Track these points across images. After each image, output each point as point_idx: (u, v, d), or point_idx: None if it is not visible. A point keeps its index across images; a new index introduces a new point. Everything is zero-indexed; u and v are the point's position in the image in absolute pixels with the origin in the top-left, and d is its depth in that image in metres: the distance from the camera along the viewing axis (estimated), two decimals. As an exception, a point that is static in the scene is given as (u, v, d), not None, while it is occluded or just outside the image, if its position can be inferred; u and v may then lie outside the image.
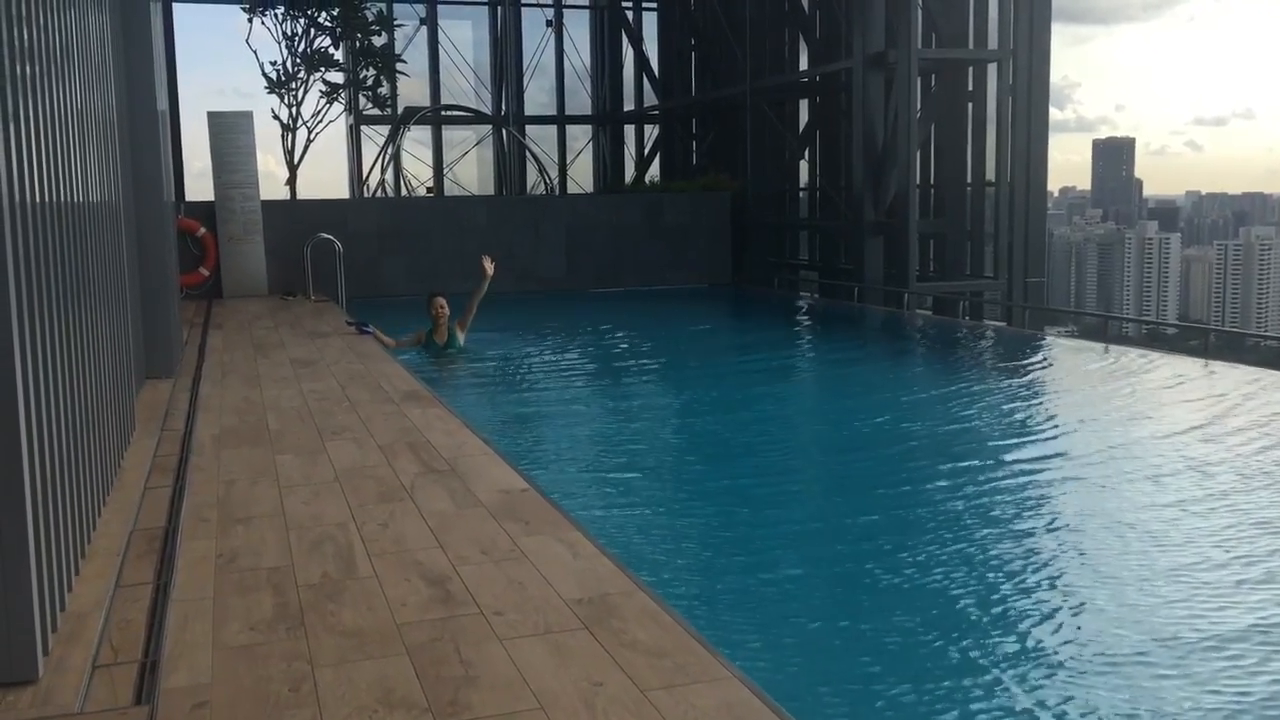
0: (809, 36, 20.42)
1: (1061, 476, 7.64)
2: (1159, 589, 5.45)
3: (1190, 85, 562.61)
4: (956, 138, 17.84)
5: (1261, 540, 6.13)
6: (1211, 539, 6.14)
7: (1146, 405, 10.05)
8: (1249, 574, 5.66)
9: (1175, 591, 5.40)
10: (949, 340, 14.77)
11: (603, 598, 3.95)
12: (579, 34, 26.28)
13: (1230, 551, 5.96)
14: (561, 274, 19.25)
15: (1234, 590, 5.44)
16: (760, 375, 12.13)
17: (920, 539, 6.25)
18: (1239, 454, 7.93)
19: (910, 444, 8.74)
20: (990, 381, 11.64)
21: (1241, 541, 6.11)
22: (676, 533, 6.39)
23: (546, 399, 10.52)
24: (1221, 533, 6.25)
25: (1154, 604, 5.26)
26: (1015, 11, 16.63)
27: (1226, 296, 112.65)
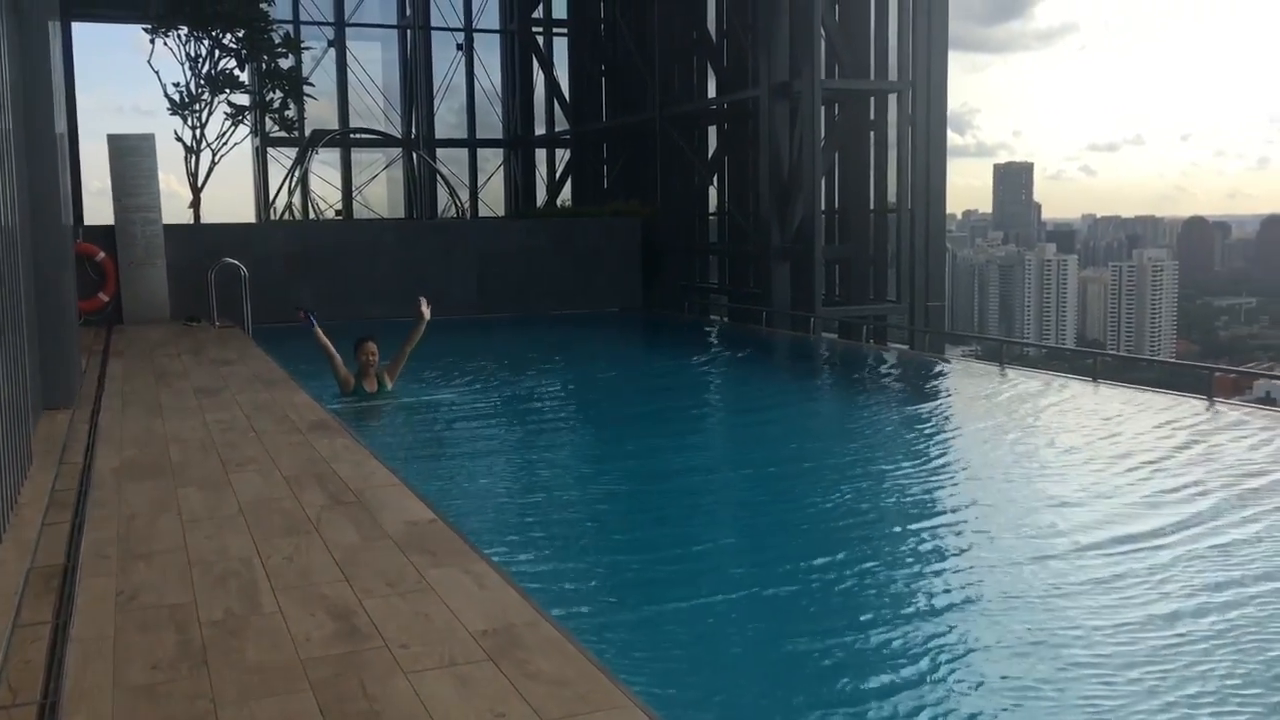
0: (717, 65, 20.78)
1: (952, 494, 7.95)
2: (1033, 587, 5.72)
3: (1083, 112, 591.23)
4: (860, 165, 18.30)
5: (1135, 552, 6.42)
6: (1092, 550, 6.43)
7: (1035, 425, 10.41)
8: (1119, 579, 5.94)
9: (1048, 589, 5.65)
10: (852, 364, 15.12)
11: (508, 629, 4.02)
12: (489, 58, 26.36)
13: (1106, 557, 6.26)
14: (473, 299, 19.22)
15: (1107, 593, 5.71)
16: (669, 402, 12.23)
17: (823, 561, 6.37)
18: (1116, 471, 8.30)
19: (811, 467, 8.89)
20: (890, 405, 11.95)
21: (1116, 554, 6.39)
22: (584, 562, 6.42)
23: (457, 429, 10.44)
24: (1101, 545, 6.54)
25: (1028, 600, 5.51)
26: (913, 44, 17.16)
27: (1122, 316, 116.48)
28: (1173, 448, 9.11)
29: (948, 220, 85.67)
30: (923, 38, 17.13)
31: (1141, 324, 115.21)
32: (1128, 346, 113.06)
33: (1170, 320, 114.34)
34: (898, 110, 17.53)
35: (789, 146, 17.52)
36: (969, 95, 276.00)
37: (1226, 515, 7.08)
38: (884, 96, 17.91)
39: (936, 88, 17.39)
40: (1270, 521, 6.97)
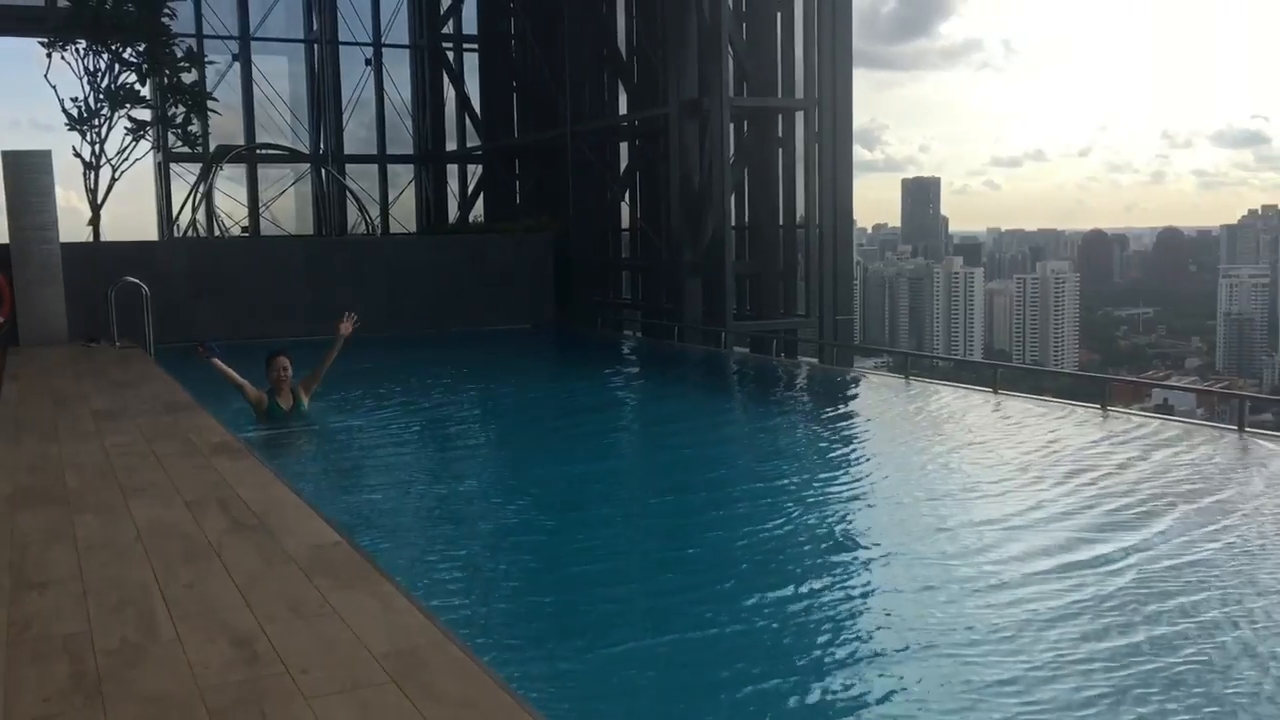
0: (627, 82, 20.91)
1: (854, 501, 8.13)
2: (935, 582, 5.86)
3: (986, 128, 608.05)
4: (769, 181, 18.57)
5: (1028, 551, 6.62)
6: (987, 551, 6.63)
7: (935, 435, 10.64)
8: (1006, 573, 6.12)
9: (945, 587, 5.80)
10: (764, 379, 15.29)
11: (412, 651, 4.00)
12: (399, 72, 26.18)
13: (994, 555, 6.45)
14: (383, 317, 18.98)
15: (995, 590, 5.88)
16: (582, 419, 12.20)
17: (732, 576, 6.44)
18: (1009, 480, 8.54)
19: (722, 483, 8.93)
20: (800, 421, 12.12)
21: (1008, 554, 6.58)
22: (492, 583, 6.36)
23: (367, 450, 10.27)
24: (995, 545, 6.74)
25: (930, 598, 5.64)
26: (819, 61, 17.48)
27: (1027, 326, 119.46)
28: (1066, 456, 9.40)
29: (859, 234, 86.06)
30: (828, 55, 17.46)
31: (1046, 334, 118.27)
32: (1033, 356, 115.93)
33: (1073, 330, 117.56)
34: (805, 127, 17.82)
35: (699, 163, 17.70)
36: (878, 111, 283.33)
37: (1120, 517, 7.35)
38: (791, 113, 18.20)
39: (842, 104, 17.72)
40: (1155, 524, 7.23)
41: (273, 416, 10.56)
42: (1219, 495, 7.91)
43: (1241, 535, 6.93)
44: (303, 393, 10.78)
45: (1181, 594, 5.88)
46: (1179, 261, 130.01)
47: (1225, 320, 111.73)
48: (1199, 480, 8.40)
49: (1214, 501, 7.73)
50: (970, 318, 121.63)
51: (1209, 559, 6.50)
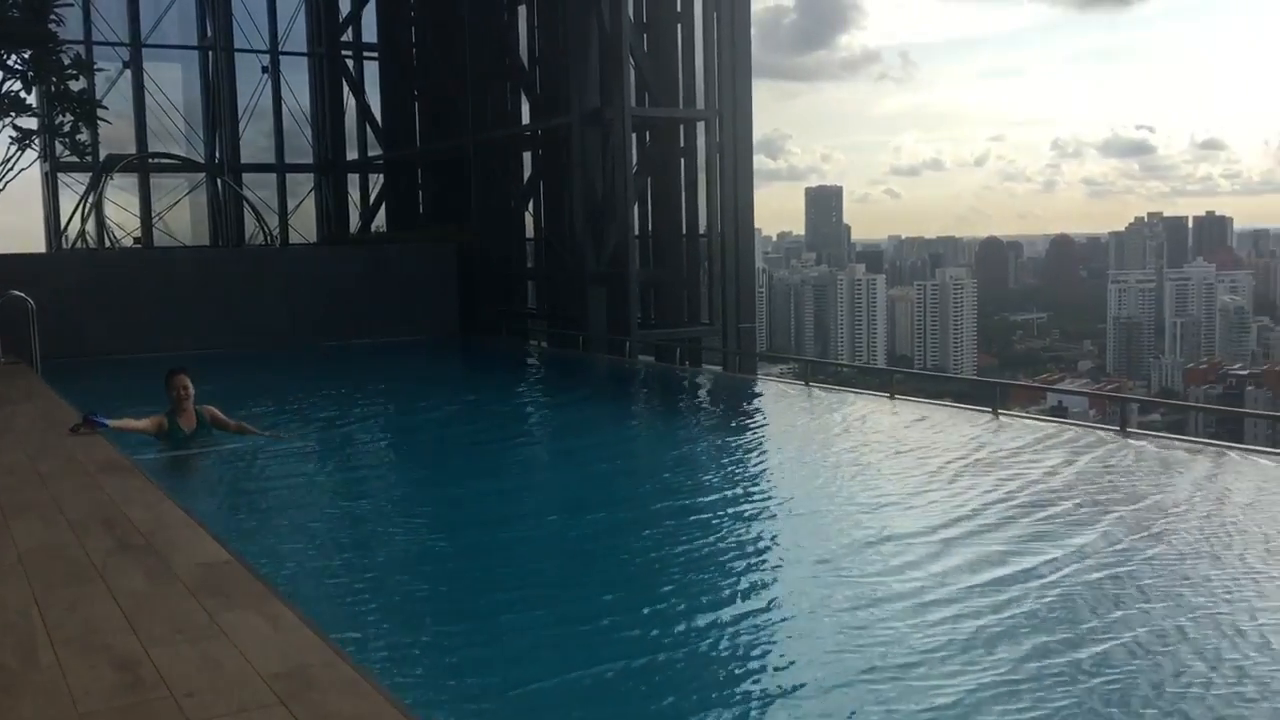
0: (529, 92, 20.89)
1: (772, 516, 8.09)
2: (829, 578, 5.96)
3: (886, 138, 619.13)
4: (671, 190, 18.71)
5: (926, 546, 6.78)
6: (879, 544, 6.77)
7: (841, 443, 10.84)
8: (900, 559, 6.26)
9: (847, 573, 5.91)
10: (669, 388, 15.38)
11: (303, 670, 3.95)
12: (297, 80, 25.76)
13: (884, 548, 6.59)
14: (283, 328, 18.67)
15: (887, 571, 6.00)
16: (489, 434, 12.02)
17: (652, 598, 6.24)
18: (919, 484, 8.73)
19: (632, 498, 8.81)
20: (705, 429, 12.20)
21: (903, 545, 6.74)
22: (387, 601, 6.17)
23: (264, 466, 9.95)
24: (891, 538, 6.89)
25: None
26: (719, 73, 17.68)
27: (927, 332, 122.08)
28: (960, 456, 9.64)
29: (764, 242, 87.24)
30: (727, 67, 17.67)
31: (946, 339, 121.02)
32: (934, 360, 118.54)
33: (971, 335, 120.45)
34: (706, 137, 18.00)
35: (602, 172, 17.76)
36: (781, 121, 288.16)
37: (1015, 513, 7.57)
38: (693, 124, 18.37)
39: (742, 114, 17.94)
40: (1045, 522, 7.46)
41: (174, 439, 10.01)
42: (1109, 498, 8.18)
43: (1141, 542, 7.09)
44: (208, 416, 10.22)
45: (1097, 605, 5.88)
46: (1071, 267, 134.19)
47: (1115, 324, 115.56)
48: (1088, 483, 8.68)
49: (1104, 505, 7.99)
50: (873, 324, 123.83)
51: (1115, 564, 6.66)
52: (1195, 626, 5.49)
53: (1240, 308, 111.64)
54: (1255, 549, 6.81)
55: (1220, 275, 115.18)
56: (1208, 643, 5.29)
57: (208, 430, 10.15)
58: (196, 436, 10.08)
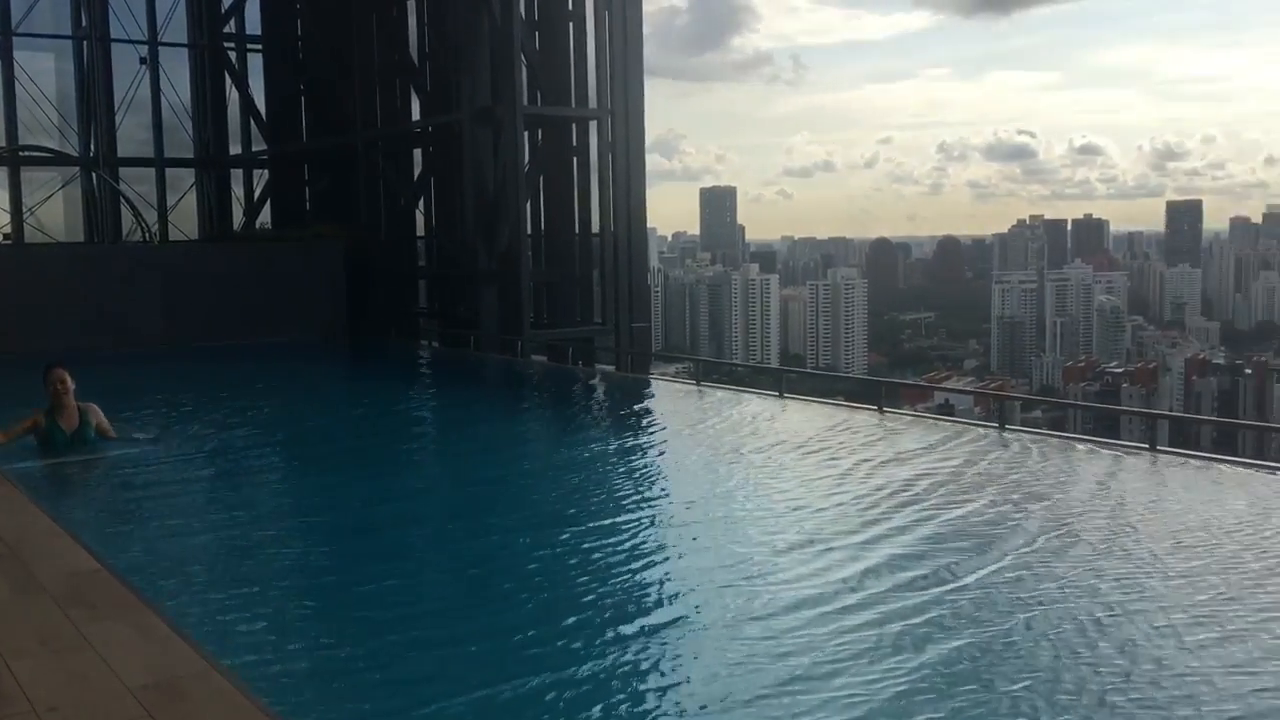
0: (420, 88, 20.62)
1: (671, 524, 8.01)
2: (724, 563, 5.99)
3: (778, 140, 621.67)
4: (564, 189, 18.65)
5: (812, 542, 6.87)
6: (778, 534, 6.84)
7: (737, 444, 10.91)
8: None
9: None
10: (561, 388, 15.31)
11: (173, 682, 3.82)
12: (178, 72, 24.96)
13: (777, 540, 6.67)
14: (161, 329, 18.06)
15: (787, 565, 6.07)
16: (377, 438, 11.75)
17: (541, 600, 6.15)
18: (814, 485, 8.86)
19: (526, 504, 8.63)
20: (599, 431, 12.13)
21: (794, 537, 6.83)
22: (265, 609, 5.90)
23: (143, 473, 9.59)
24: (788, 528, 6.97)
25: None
26: (611, 72, 17.68)
27: (820, 331, 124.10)
28: (852, 454, 9.82)
29: (660, 242, 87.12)
30: (619, 66, 17.68)
31: (837, 338, 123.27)
32: (826, 360, 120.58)
33: (862, 334, 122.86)
34: (598, 136, 17.99)
35: (493, 171, 17.62)
36: (675, 121, 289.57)
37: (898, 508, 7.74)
38: (585, 122, 18.34)
39: (635, 114, 17.97)
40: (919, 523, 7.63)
41: (54, 441, 9.50)
42: (994, 492, 8.40)
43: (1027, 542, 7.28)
44: (91, 416, 9.75)
45: (1011, 605, 5.93)
46: (957, 268, 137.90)
47: (999, 323, 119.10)
48: (972, 478, 8.91)
49: (988, 499, 8.20)
50: (767, 323, 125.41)
51: (1017, 561, 6.81)
52: (1086, 614, 5.65)
53: (1116, 308, 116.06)
54: (1123, 538, 7.08)
55: (1097, 276, 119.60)
56: (1103, 633, 5.44)
57: (89, 430, 9.67)
58: (79, 437, 9.59)
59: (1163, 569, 6.48)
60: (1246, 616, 5.68)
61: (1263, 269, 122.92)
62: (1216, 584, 6.18)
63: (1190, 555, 6.70)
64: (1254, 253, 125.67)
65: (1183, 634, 5.43)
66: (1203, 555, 6.71)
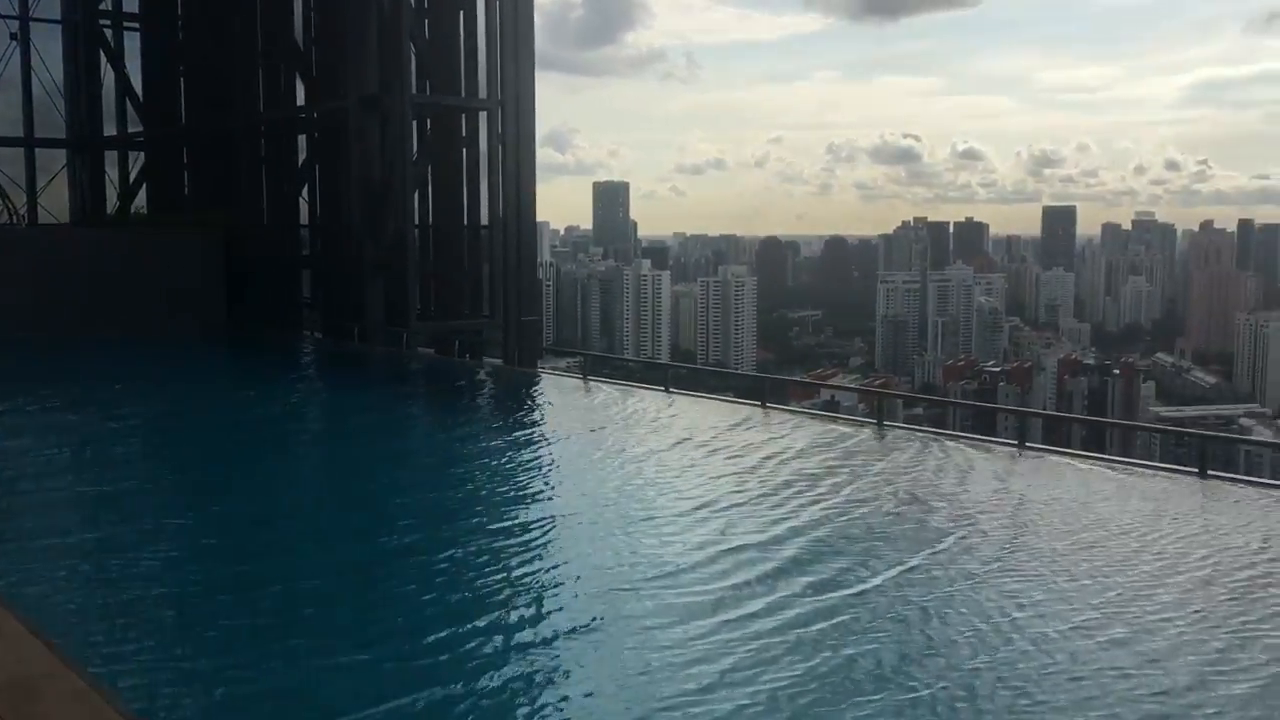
0: (305, 73, 20.13)
1: (556, 527, 7.88)
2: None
3: (671, 136, 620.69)
4: (453, 180, 18.40)
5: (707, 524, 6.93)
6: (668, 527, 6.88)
7: (611, 434, 10.95)
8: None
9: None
10: (447, 382, 15.14)
11: (25, 681, 3.66)
12: (50, 50, 23.93)
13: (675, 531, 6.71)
14: (28, 318, 17.23)
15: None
16: (255, 436, 11.43)
17: (435, 609, 6.05)
18: (700, 486, 8.93)
19: (407, 509, 8.44)
20: (483, 427, 12.08)
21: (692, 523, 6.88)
22: (125, 609, 5.77)
23: (3, 468, 9.18)
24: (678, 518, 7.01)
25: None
26: (501, 63, 17.50)
27: (710, 327, 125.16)
28: (741, 449, 9.94)
29: (552, 235, 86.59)
30: (510, 57, 17.51)
31: (728, 334, 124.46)
32: (716, 356, 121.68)
33: (751, 331, 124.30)
34: (488, 127, 17.81)
35: (380, 159, 17.30)
36: (568, 115, 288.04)
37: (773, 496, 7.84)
38: (475, 113, 18.13)
39: (525, 106, 17.81)
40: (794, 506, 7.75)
41: None
42: (872, 486, 8.58)
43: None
44: None
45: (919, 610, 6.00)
46: (844, 267, 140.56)
47: (883, 322, 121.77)
48: (849, 472, 9.09)
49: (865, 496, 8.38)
50: (658, 319, 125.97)
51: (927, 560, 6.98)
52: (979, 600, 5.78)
53: (994, 309, 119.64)
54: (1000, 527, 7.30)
55: (977, 278, 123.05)
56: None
57: None
58: None
59: (1066, 568, 6.67)
60: (1151, 613, 5.88)
61: (1131, 274, 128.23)
62: (1119, 583, 6.38)
63: (1090, 554, 6.94)
64: (1123, 258, 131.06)
65: (1095, 632, 5.60)
66: (1101, 554, 6.95)
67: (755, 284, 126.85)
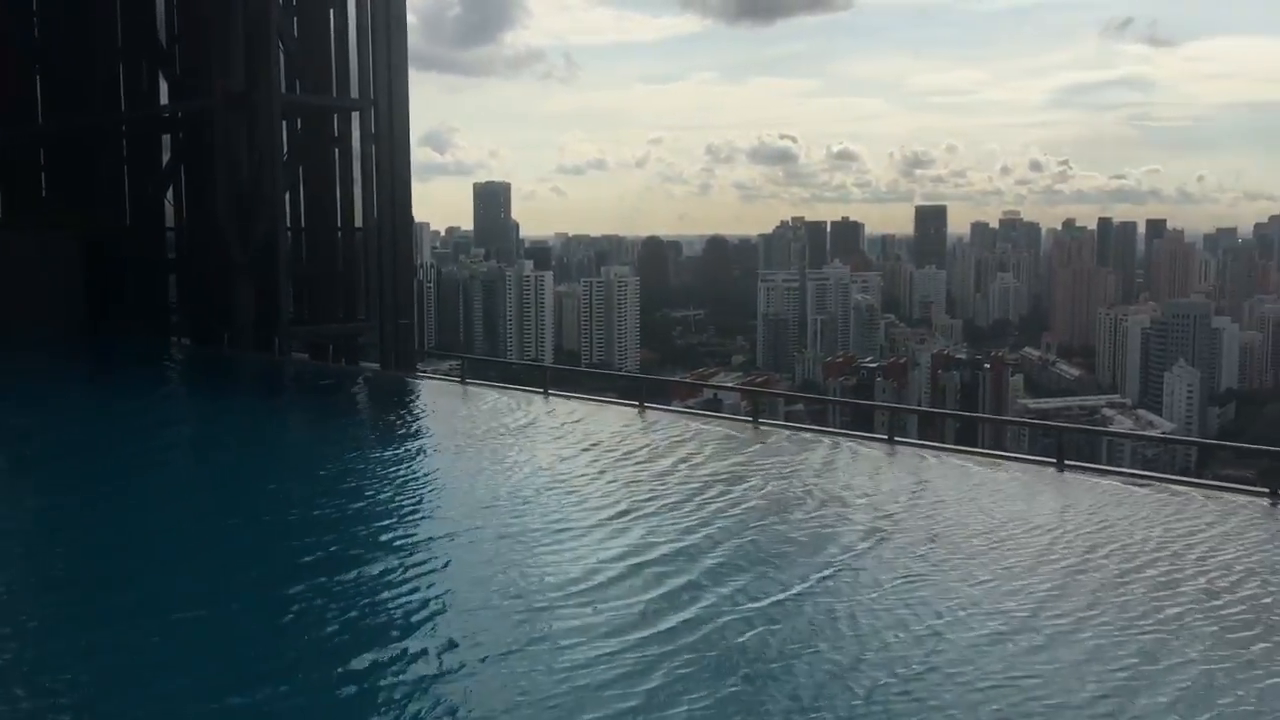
0: (168, 70, 19.44)
1: (431, 542, 7.66)
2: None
3: (552, 136, 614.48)
4: (326, 181, 18.00)
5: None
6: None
7: (491, 439, 10.83)
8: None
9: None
10: (320, 388, 14.81)
11: None
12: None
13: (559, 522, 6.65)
14: None
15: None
16: (111, 448, 10.92)
17: (307, 635, 5.82)
18: (580, 495, 8.89)
19: (272, 520, 8.27)
20: (356, 436, 11.76)
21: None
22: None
23: None
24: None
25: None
26: (374, 62, 17.18)
27: (593, 328, 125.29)
28: (628, 454, 9.92)
29: (432, 236, 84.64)
30: (383, 56, 17.20)
31: (611, 334, 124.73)
32: (600, 356, 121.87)
33: (634, 331, 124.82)
34: (361, 126, 17.47)
35: (248, 159, 16.82)
36: (448, 114, 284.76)
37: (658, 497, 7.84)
38: (347, 112, 17.76)
39: (400, 105, 17.52)
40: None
41: None
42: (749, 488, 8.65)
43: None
44: None
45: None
46: (725, 267, 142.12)
47: (764, 320, 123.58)
48: (724, 472, 9.16)
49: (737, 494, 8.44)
50: (541, 320, 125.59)
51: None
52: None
53: (871, 306, 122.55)
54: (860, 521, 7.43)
55: (854, 277, 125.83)
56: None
57: None
58: None
59: (972, 574, 6.74)
60: (1063, 619, 6.01)
61: (1000, 271, 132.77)
62: (1033, 585, 6.50)
63: (995, 557, 7.08)
64: (992, 255, 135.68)
65: (1011, 639, 5.69)
66: (1010, 557, 7.06)
67: (638, 284, 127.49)
